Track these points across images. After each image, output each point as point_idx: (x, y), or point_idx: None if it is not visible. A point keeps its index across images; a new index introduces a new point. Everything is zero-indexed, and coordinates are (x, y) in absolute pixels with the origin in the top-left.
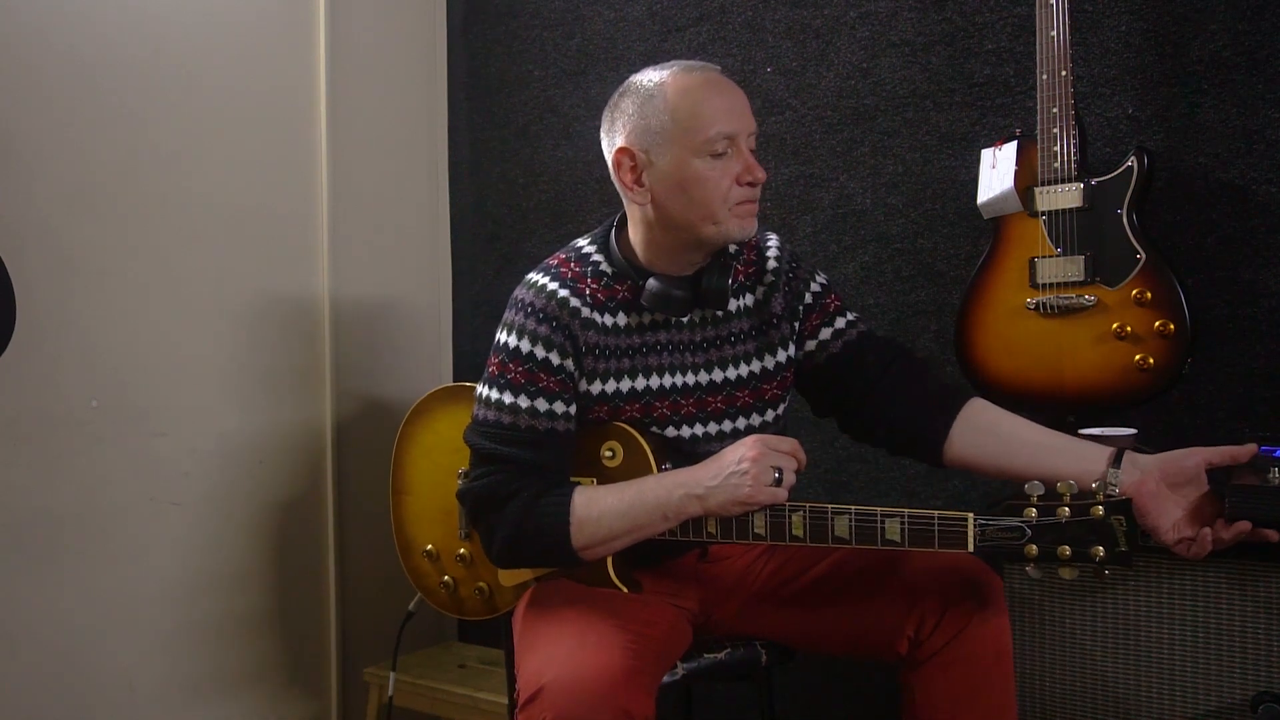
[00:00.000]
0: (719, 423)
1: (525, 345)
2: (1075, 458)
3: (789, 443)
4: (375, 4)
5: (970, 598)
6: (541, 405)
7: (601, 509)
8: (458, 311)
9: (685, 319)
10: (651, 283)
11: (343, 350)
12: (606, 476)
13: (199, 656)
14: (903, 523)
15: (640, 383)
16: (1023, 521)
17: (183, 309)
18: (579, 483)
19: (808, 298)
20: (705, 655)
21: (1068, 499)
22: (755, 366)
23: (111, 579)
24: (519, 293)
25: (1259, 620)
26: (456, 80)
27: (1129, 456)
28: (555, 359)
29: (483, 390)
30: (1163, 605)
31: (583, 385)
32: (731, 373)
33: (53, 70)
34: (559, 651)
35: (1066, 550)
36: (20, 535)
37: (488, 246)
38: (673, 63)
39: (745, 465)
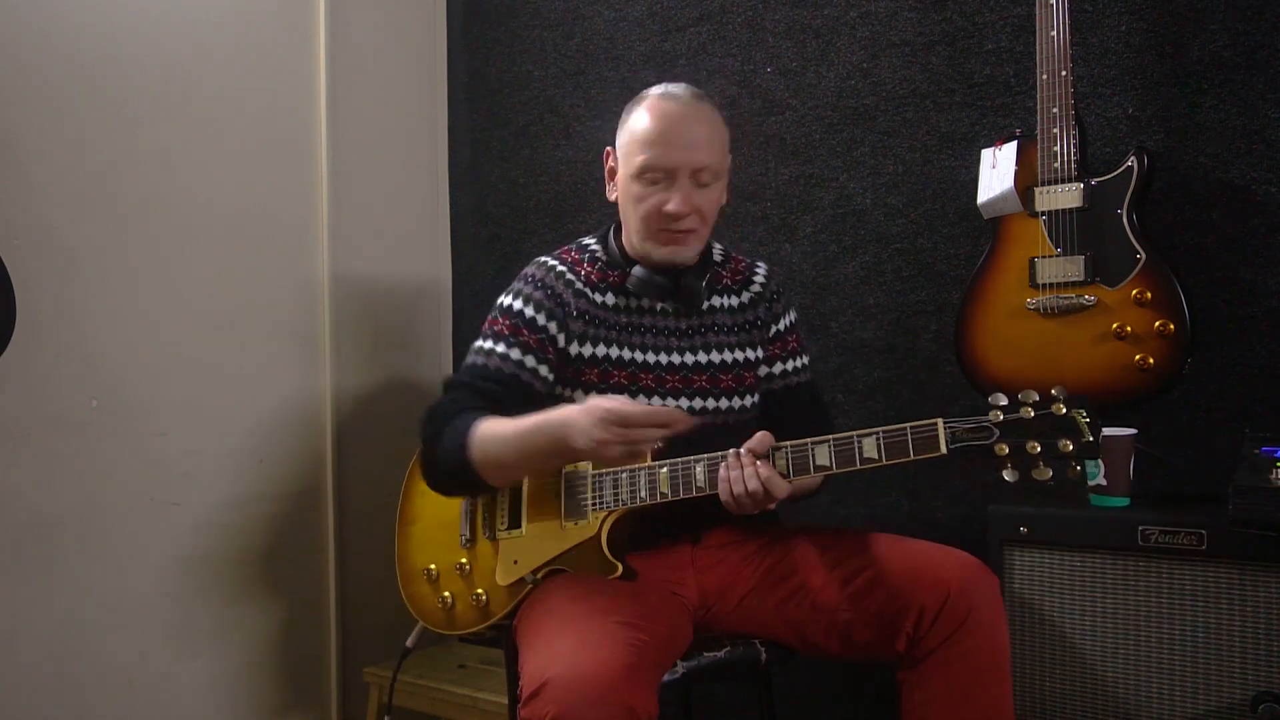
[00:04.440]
0: (704, 399)
1: (518, 305)
2: None
3: (638, 416)
4: (375, 4)
5: (968, 596)
6: (515, 354)
7: (502, 428)
8: (458, 311)
9: (671, 309)
10: (638, 269)
11: (343, 350)
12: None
13: (199, 656)
14: (878, 439)
15: (626, 354)
16: (989, 421)
17: (183, 309)
18: None
19: (782, 325)
20: (705, 654)
21: (1030, 402)
22: (740, 355)
23: (111, 579)
24: (527, 268)
25: (1259, 620)
26: (456, 80)
27: None
28: (541, 319)
29: (486, 337)
30: (1163, 605)
31: (573, 348)
32: (716, 357)
33: (53, 70)
34: (563, 647)
35: (1036, 446)
36: (20, 535)
37: (488, 247)
38: (670, 85)
39: (596, 436)
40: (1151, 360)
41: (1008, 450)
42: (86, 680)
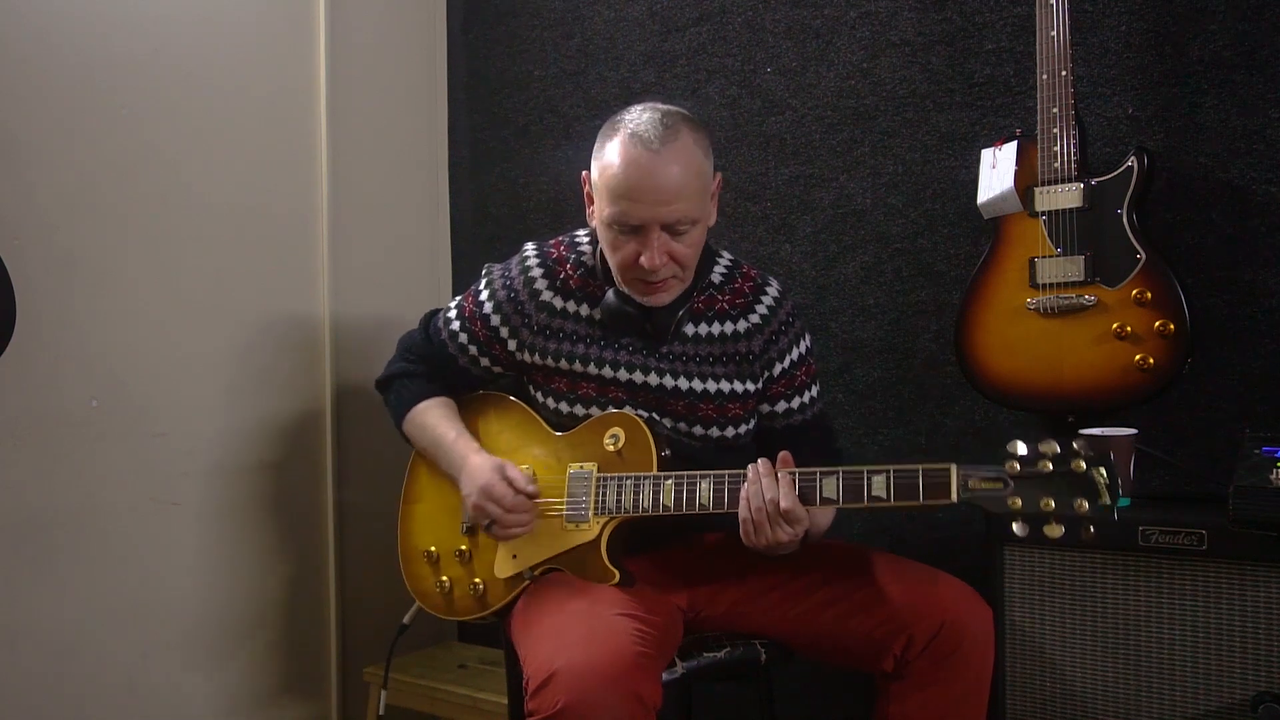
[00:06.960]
0: (679, 422)
1: (484, 296)
2: None
3: (512, 503)
4: (375, 4)
5: (960, 628)
6: (463, 338)
7: (427, 425)
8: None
9: (643, 337)
10: (610, 296)
11: (343, 349)
12: (607, 462)
13: (198, 656)
14: (888, 477)
15: (594, 369)
16: (1004, 473)
17: (183, 309)
18: (449, 400)
19: (786, 362)
20: (705, 654)
21: (1050, 455)
22: (725, 386)
23: (111, 579)
24: (519, 256)
25: (1259, 620)
26: (456, 80)
27: None
28: (495, 320)
29: (455, 304)
30: (1163, 605)
31: (527, 356)
32: (698, 385)
33: (53, 70)
34: (570, 638)
35: (1050, 503)
36: (20, 535)
37: (488, 247)
38: (644, 115)
39: (473, 501)
40: (1151, 360)
41: (1021, 505)
42: (86, 680)
